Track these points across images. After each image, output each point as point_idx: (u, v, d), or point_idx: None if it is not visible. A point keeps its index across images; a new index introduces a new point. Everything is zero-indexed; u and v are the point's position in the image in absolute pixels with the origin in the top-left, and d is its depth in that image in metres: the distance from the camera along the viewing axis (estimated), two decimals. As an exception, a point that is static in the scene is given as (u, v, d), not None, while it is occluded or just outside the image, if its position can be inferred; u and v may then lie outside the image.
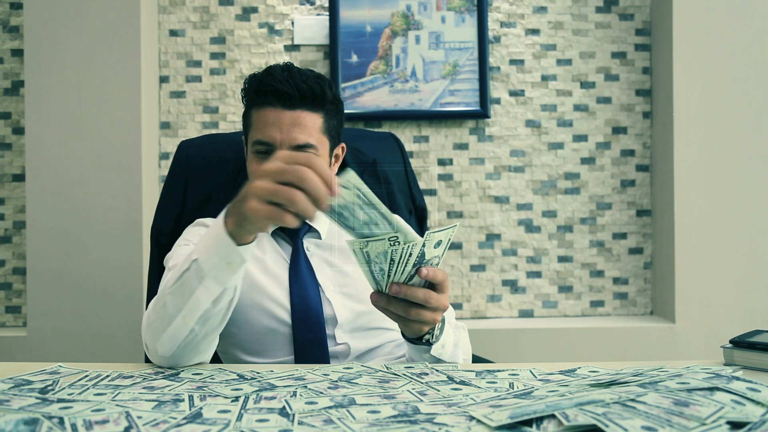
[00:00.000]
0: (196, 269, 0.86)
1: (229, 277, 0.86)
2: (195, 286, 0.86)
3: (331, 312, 1.13)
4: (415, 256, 0.82)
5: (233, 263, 0.85)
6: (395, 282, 0.85)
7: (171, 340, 0.89)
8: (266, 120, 1.12)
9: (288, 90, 1.10)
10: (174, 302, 0.88)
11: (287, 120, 1.11)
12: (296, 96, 1.11)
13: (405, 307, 0.88)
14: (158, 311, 0.91)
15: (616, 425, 0.58)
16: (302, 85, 1.11)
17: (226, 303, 0.89)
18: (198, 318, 0.87)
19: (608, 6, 2.07)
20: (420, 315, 0.88)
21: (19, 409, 0.67)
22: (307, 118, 1.12)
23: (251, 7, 2.05)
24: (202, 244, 0.87)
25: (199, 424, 0.63)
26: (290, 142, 1.11)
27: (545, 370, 0.85)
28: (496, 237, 2.06)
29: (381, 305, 0.89)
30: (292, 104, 1.11)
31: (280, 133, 1.11)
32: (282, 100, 1.11)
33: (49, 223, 1.87)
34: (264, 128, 1.12)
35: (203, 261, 0.85)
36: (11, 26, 2.03)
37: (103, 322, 1.86)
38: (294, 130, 1.11)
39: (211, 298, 0.86)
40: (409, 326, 0.92)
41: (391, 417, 0.64)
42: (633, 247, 2.08)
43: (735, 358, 0.88)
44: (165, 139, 2.04)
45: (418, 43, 2.03)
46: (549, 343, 1.94)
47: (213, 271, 0.85)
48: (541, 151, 2.07)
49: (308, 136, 1.12)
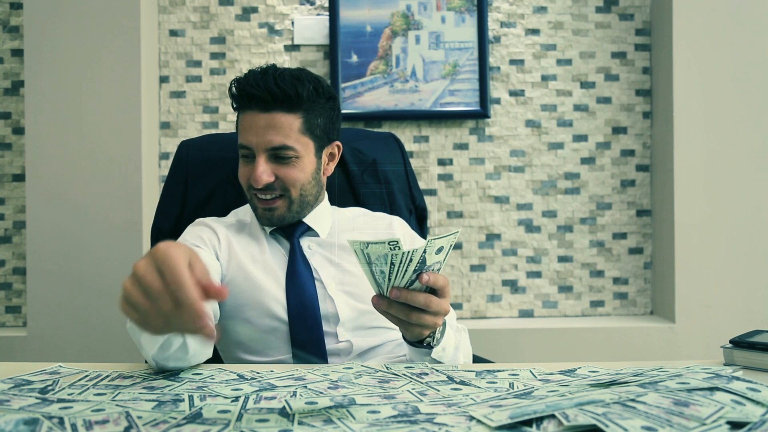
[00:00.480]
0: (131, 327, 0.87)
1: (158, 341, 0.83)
2: (137, 335, 0.87)
3: (333, 310, 1.13)
4: (416, 261, 0.83)
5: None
6: (396, 286, 0.86)
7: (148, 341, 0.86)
8: (245, 124, 1.14)
9: (259, 93, 1.12)
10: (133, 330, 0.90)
11: (262, 123, 1.12)
12: (269, 99, 1.12)
13: (406, 311, 0.88)
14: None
15: (616, 425, 0.58)
16: (274, 88, 1.11)
17: (175, 348, 0.85)
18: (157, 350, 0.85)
19: (608, 6, 2.07)
20: (421, 319, 0.88)
21: (19, 409, 0.67)
22: (282, 119, 1.13)
23: (251, 7, 2.05)
24: None
25: (199, 424, 0.63)
26: (265, 144, 1.13)
27: (545, 370, 0.85)
28: (496, 237, 2.06)
29: (382, 308, 0.89)
30: (267, 107, 1.12)
31: (256, 137, 1.12)
32: (256, 103, 1.13)
33: (49, 223, 1.87)
34: (243, 132, 1.15)
35: (130, 327, 0.88)
36: (11, 26, 2.03)
37: (103, 322, 1.86)
38: (269, 132, 1.12)
39: (155, 346, 0.84)
40: (410, 330, 0.92)
41: (391, 417, 0.64)
42: (633, 247, 2.08)
43: (735, 358, 0.88)
44: (165, 139, 2.04)
45: (418, 43, 2.03)
46: (549, 343, 1.94)
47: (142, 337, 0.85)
48: (541, 151, 2.07)
49: (284, 138, 1.13)
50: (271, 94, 1.11)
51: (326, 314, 1.13)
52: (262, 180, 1.12)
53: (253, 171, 1.13)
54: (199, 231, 1.19)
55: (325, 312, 1.13)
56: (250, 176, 1.14)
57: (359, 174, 1.40)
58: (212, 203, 1.35)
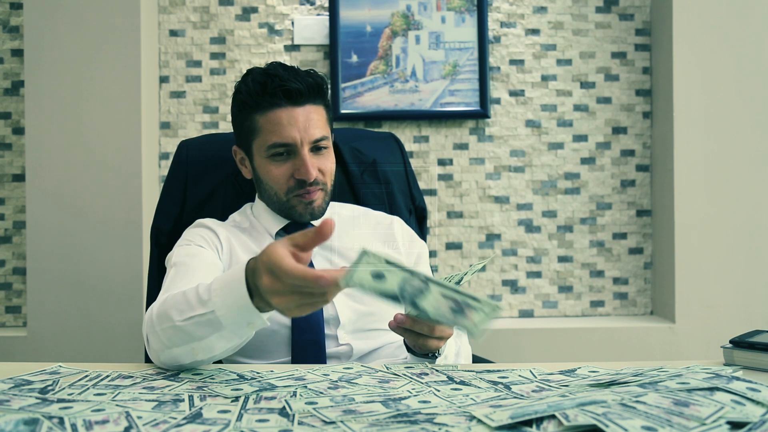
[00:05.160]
0: (213, 320, 0.81)
1: (247, 333, 0.84)
2: (209, 332, 0.83)
3: (333, 312, 1.13)
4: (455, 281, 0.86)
5: (254, 324, 0.81)
6: None
7: (174, 359, 0.88)
8: (279, 121, 1.11)
9: (298, 86, 1.10)
10: (182, 337, 0.85)
11: (301, 117, 1.11)
12: (305, 91, 1.11)
13: (430, 325, 0.89)
14: (165, 329, 0.87)
15: (616, 425, 0.58)
16: (308, 79, 1.12)
17: (238, 347, 0.87)
18: (207, 356, 0.86)
19: (608, 6, 2.07)
20: (443, 332, 0.90)
21: (19, 409, 0.67)
22: (316, 111, 1.14)
23: (251, 7, 2.05)
24: (220, 298, 0.80)
25: (199, 424, 0.63)
26: (309, 138, 1.12)
27: (545, 370, 0.85)
28: (496, 237, 2.06)
29: (406, 326, 0.90)
30: (300, 100, 1.11)
31: (299, 132, 1.11)
32: (292, 97, 1.11)
33: (49, 223, 1.87)
34: (279, 130, 1.11)
35: (223, 316, 0.80)
36: (11, 26, 2.03)
37: (103, 322, 1.86)
38: (310, 125, 1.12)
39: (227, 345, 0.84)
40: (428, 344, 0.92)
41: (391, 417, 0.64)
42: (633, 247, 2.08)
43: (735, 358, 0.88)
44: (165, 139, 2.04)
45: (418, 43, 2.03)
46: (549, 343, 1.94)
47: (232, 326, 0.81)
48: (541, 151, 2.07)
49: (322, 130, 1.13)
50: (307, 86, 1.11)
51: (327, 317, 1.13)
52: (313, 174, 1.12)
53: (302, 166, 1.11)
54: (200, 232, 1.18)
55: (326, 314, 1.13)
56: (297, 173, 1.12)
57: (359, 174, 1.40)
58: (212, 203, 1.35)
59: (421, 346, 0.94)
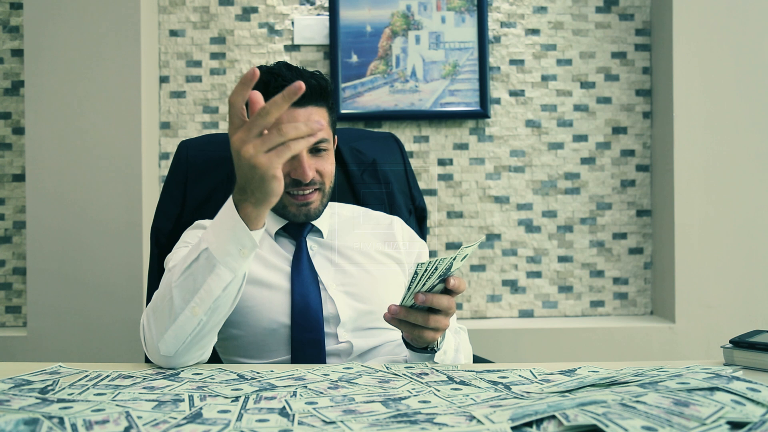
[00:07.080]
0: (207, 258, 0.87)
1: (240, 264, 0.88)
2: (206, 274, 0.87)
3: (333, 310, 1.13)
4: (441, 269, 0.86)
5: (245, 249, 0.87)
6: (420, 292, 0.87)
7: (176, 336, 0.89)
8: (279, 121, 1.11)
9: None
10: (182, 295, 0.89)
11: (302, 118, 1.10)
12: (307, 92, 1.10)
13: (424, 316, 0.90)
14: (162, 308, 0.91)
15: (616, 425, 0.58)
16: (311, 80, 1.11)
17: (235, 290, 0.90)
18: (208, 308, 0.88)
19: (608, 6, 2.07)
20: (438, 322, 0.90)
21: (19, 409, 0.67)
22: (317, 113, 1.13)
23: (251, 7, 2.05)
24: (212, 234, 0.88)
25: (199, 424, 0.63)
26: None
27: (545, 370, 0.85)
28: (496, 237, 2.06)
29: (400, 317, 0.91)
30: (303, 101, 1.11)
31: None
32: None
33: (49, 223, 1.87)
34: None
35: (215, 249, 0.87)
36: (11, 26, 2.03)
37: (103, 322, 1.86)
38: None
39: (222, 285, 0.88)
40: (424, 335, 0.92)
41: (391, 417, 0.64)
42: (633, 247, 2.08)
43: (735, 358, 0.88)
44: (165, 139, 2.04)
45: (418, 43, 2.03)
46: (549, 343, 1.94)
47: (225, 258, 0.87)
48: (541, 151, 2.07)
49: (322, 132, 1.12)
50: (310, 87, 1.10)
51: (327, 315, 1.13)
52: (310, 175, 1.11)
53: (299, 167, 1.11)
54: (199, 233, 1.18)
55: (326, 313, 1.13)
56: (293, 172, 1.12)
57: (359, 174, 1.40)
58: (212, 203, 1.35)
59: (417, 339, 0.94)
